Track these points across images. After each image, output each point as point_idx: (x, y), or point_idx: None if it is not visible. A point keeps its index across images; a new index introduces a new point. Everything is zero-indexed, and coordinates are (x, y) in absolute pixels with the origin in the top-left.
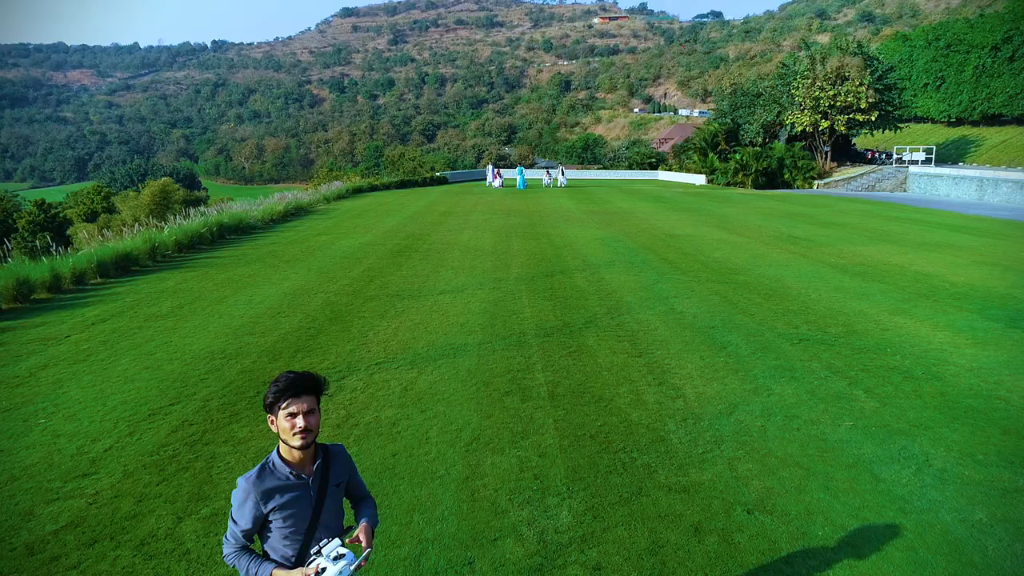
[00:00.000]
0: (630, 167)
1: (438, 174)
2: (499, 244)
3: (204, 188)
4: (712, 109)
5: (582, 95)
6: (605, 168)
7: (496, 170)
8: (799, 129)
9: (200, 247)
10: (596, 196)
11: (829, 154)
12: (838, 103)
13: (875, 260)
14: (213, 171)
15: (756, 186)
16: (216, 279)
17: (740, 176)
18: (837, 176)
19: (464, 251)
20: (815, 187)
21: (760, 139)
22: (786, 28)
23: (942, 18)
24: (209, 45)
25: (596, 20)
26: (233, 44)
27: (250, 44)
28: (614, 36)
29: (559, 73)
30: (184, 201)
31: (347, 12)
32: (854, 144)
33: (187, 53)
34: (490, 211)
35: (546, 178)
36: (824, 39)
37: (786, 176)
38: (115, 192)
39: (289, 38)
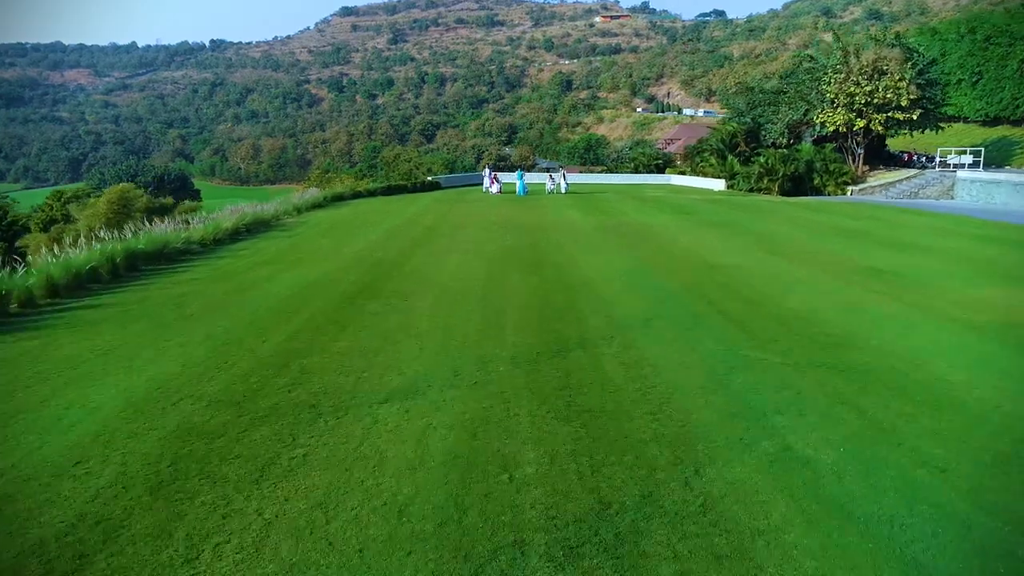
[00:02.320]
0: (635, 169)
1: (430, 179)
2: (491, 281)
3: (196, 190)
4: (727, 107)
5: (584, 95)
6: (609, 170)
7: (493, 174)
8: (831, 129)
9: (91, 287)
10: (606, 205)
11: (862, 157)
12: (875, 100)
13: None
14: (209, 172)
15: (782, 192)
16: (50, 359)
17: (766, 181)
18: (873, 181)
19: (442, 294)
20: (849, 194)
21: (785, 140)
22: (791, 26)
23: (952, 15)
24: (207, 44)
25: (597, 19)
26: (231, 43)
27: (248, 43)
28: (616, 35)
29: (560, 72)
30: (147, 209)
31: (346, 11)
32: (886, 146)
33: (185, 52)
34: (484, 226)
35: (549, 183)
36: (830, 37)
37: (816, 181)
38: (87, 196)
39: (288, 37)
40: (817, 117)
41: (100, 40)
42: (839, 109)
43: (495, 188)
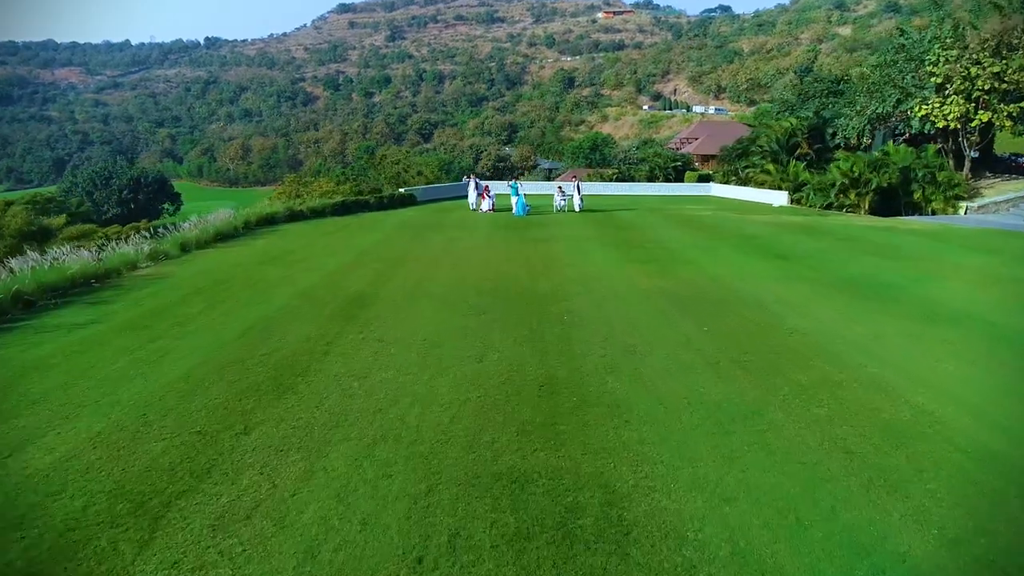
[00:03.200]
0: (650, 172)
1: (402, 191)
2: None
3: (176, 193)
4: (774, 100)
5: (586, 92)
6: (621, 175)
7: (484, 187)
8: (939, 124)
9: None
10: (646, 237)
11: (970, 162)
12: (1001, 86)
13: None
14: (196, 173)
15: (870, 209)
16: None
17: (852, 195)
18: (992, 195)
19: None
20: (963, 212)
21: (866, 139)
22: (802, 21)
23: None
24: (202, 42)
25: (600, 15)
26: (227, 41)
27: (244, 41)
28: (619, 31)
29: (562, 69)
30: (21, 233)
31: (344, 8)
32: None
33: (179, 50)
34: (455, 296)
35: (558, 198)
36: (846, 31)
37: (916, 195)
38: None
39: (284, 35)
40: (918, 108)
41: (93, 38)
42: (952, 98)
43: (486, 205)
